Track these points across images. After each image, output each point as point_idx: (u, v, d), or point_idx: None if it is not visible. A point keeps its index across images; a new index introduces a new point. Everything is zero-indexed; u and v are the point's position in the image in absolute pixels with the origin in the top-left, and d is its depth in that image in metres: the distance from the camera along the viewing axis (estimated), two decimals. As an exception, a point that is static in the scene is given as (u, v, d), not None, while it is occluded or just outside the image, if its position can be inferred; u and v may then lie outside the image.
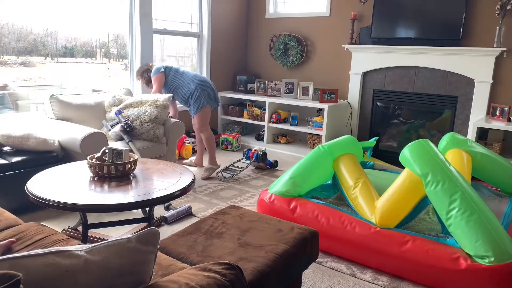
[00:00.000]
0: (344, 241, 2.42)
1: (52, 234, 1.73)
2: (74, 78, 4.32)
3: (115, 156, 2.44)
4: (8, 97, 3.76)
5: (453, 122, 4.35)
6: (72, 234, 2.61)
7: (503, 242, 2.03)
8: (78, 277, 0.96)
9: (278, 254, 1.66)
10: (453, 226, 2.12)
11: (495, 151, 3.90)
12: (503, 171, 2.97)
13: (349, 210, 2.57)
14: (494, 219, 2.12)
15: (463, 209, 2.10)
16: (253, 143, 5.26)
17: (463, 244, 2.09)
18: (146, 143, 3.55)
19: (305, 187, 2.73)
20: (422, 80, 4.45)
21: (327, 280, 2.25)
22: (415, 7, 4.31)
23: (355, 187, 2.56)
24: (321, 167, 2.76)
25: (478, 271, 2.01)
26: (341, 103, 4.87)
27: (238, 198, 3.47)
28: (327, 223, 2.49)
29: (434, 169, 2.23)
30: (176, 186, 2.25)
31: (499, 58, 4.01)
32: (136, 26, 4.41)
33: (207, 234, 1.83)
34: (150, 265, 1.10)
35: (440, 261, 2.11)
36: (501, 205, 2.85)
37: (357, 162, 2.76)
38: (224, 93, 5.53)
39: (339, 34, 4.98)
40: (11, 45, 3.78)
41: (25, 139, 3.00)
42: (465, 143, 3.01)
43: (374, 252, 2.32)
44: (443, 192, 2.17)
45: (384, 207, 2.33)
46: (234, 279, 1.18)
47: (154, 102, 3.67)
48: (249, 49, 5.84)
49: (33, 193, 2.08)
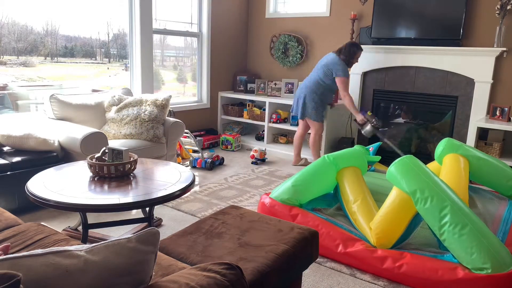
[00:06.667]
0: (342, 255, 2.41)
1: (52, 234, 1.73)
2: (74, 78, 4.32)
3: (115, 156, 2.44)
4: (8, 97, 3.76)
5: (453, 122, 4.35)
6: (72, 234, 2.61)
7: (497, 252, 2.04)
8: (78, 277, 0.96)
9: (278, 254, 1.65)
10: (447, 241, 2.13)
11: (495, 151, 3.90)
12: (501, 174, 2.97)
13: (348, 225, 2.56)
14: (486, 228, 2.12)
15: (454, 223, 2.10)
16: (253, 143, 5.26)
17: (460, 258, 2.10)
18: (145, 143, 3.55)
19: (307, 196, 2.72)
20: (422, 80, 4.45)
21: (327, 280, 2.25)
22: (415, 7, 4.31)
23: (355, 201, 2.55)
24: (325, 177, 2.74)
25: (475, 279, 2.02)
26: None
27: (238, 198, 3.47)
28: (327, 234, 2.49)
29: (421, 186, 2.21)
30: (176, 186, 2.25)
31: (499, 58, 4.01)
32: (136, 26, 4.41)
33: (207, 234, 1.83)
34: (150, 265, 1.10)
35: (438, 272, 2.12)
36: (501, 207, 2.86)
37: (360, 176, 2.74)
38: (224, 93, 5.53)
39: (339, 34, 4.98)
40: (11, 45, 3.78)
41: (25, 139, 3.00)
42: (462, 148, 3.01)
43: (372, 269, 2.32)
44: (433, 208, 2.16)
45: (379, 228, 2.32)
46: (234, 279, 1.18)
47: (153, 101, 3.67)
48: (249, 49, 5.84)
49: (33, 193, 2.08)
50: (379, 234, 2.31)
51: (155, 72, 4.78)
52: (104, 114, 3.74)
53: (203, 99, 5.43)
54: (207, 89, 5.41)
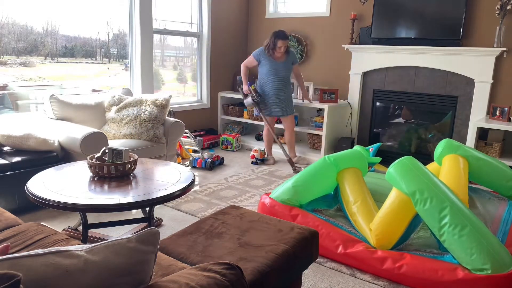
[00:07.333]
0: (342, 255, 2.41)
1: (52, 234, 1.73)
2: (74, 78, 4.32)
3: (115, 156, 2.44)
4: (8, 97, 3.76)
5: (453, 122, 4.35)
6: (72, 234, 2.61)
7: (497, 253, 2.04)
8: (78, 277, 0.96)
9: (278, 254, 1.65)
10: (447, 242, 2.13)
11: (495, 151, 3.90)
12: (500, 174, 2.97)
13: (348, 226, 2.56)
14: (485, 229, 2.12)
15: (454, 224, 2.10)
16: (253, 143, 5.26)
17: (460, 259, 2.10)
18: (145, 143, 3.55)
19: (307, 196, 2.72)
20: (422, 80, 4.45)
21: (327, 280, 2.25)
22: (415, 7, 4.31)
23: (355, 202, 2.55)
24: (325, 178, 2.74)
25: (475, 280, 2.02)
26: (341, 103, 4.87)
27: (238, 198, 3.47)
28: (327, 235, 2.49)
29: (420, 187, 2.22)
30: (176, 186, 2.25)
31: (499, 58, 4.01)
32: (136, 26, 4.41)
33: (207, 234, 1.83)
34: (150, 265, 1.10)
35: (438, 273, 2.11)
36: (500, 208, 2.85)
37: (361, 177, 2.74)
38: (224, 93, 5.53)
39: (339, 34, 4.98)
40: (11, 45, 3.78)
41: (25, 139, 3.00)
42: (461, 148, 3.01)
43: (372, 269, 2.31)
44: (432, 209, 2.16)
45: (378, 229, 2.32)
46: (234, 279, 1.18)
47: (153, 101, 3.67)
48: (249, 49, 5.83)
49: (33, 193, 2.08)
50: (378, 236, 2.31)
51: (155, 72, 4.78)
52: (104, 114, 3.74)
53: (203, 99, 5.43)
54: (207, 89, 5.41)
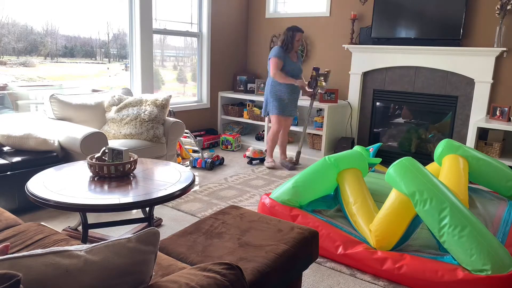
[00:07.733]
0: (342, 256, 2.41)
1: (52, 234, 1.73)
2: (74, 78, 4.32)
3: (115, 156, 2.44)
4: (8, 97, 3.76)
5: (453, 122, 4.35)
6: (72, 234, 2.61)
7: (497, 254, 2.04)
8: (78, 277, 0.96)
9: (278, 254, 1.65)
10: (447, 243, 2.13)
11: (495, 151, 3.90)
12: (500, 174, 2.97)
13: (348, 226, 2.56)
14: (485, 230, 2.12)
15: (454, 225, 2.10)
16: (253, 143, 5.26)
17: (460, 260, 2.10)
18: (145, 143, 3.55)
19: (307, 197, 2.72)
20: (422, 80, 4.45)
21: (327, 280, 2.25)
22: (415, 7, 4.31)
23: (354, 203, 2.55)
24: (325, 178, 2.74)
25: (475, 280, 2.02)
26: (341, 103, 4.87)
27: (238, 198, 3.47)
28: (327, 235, 2.48)
29: (420, 188, 2.21)
30: (176, 186, 2.25)
31: (499, 58, 4.01)
32: (136, 26, 4.41)
33: (207, 234, 1.83)
34: (150, 265, 1.10)
35: (438, 273, 2.12)
36: (500, 208, 2.85)
37: (361, 178, 2.74)
38: (224, 93, 5.53)
39: (339, 34, 4.98)
40: (11, 45, 3.78)
41: (25, 139, 3.00)
42: (461, 149, 3.01)
43: (372, 270, 2.32)
44: (432, 210, 2.16)
45: (378, 230, 2.32)
46: (234, 279, 1.18)
47: (153, 101, 3.67)
48: (249, 49, 5.84)
49: (33, 193, 2.08)
50: (378, 236, 2.31)
51: (155, 72, 4.78)
52: (104, 114, 3.74)
53: (203, 99, 5.43)
54: (207, 89, 5.41)
